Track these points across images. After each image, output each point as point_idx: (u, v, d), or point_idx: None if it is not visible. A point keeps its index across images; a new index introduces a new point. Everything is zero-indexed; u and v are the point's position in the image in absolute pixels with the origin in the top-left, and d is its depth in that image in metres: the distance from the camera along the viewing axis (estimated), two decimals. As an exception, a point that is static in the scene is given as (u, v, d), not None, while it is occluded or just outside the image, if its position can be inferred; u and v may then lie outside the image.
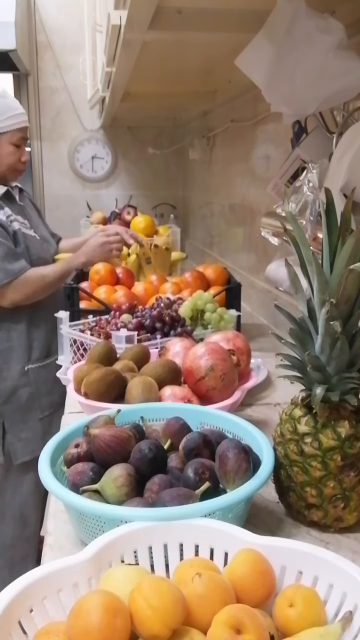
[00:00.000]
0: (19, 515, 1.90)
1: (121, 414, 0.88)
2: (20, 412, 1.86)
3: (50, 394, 1.89)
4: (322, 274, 0.71)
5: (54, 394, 1.89)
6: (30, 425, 1.87)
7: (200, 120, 3.03)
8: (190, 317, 1.41)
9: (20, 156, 1.83)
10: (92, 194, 3.72)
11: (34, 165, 3.60)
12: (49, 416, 1.90)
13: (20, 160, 1.83)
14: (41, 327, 1.87)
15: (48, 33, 3.45)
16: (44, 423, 1.89)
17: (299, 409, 0.79)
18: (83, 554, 0.60)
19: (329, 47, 1.02)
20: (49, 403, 1.90)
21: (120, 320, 1.37)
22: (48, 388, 1.88)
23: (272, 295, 1.81)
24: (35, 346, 1.87)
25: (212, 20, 1.24)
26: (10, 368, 1.84)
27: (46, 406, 1.90)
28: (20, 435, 1.86)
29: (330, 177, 1.04)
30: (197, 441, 0.78)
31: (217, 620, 0.52)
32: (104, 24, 1.58)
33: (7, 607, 0.53)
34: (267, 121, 1.88)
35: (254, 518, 0.80)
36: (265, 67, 1.10)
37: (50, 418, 1.90)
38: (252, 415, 1.18)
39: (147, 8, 1.14)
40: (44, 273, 1.79)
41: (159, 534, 0.64)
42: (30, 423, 1.87)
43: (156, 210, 3.68)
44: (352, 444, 0.74)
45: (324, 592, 0.58)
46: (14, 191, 1.91)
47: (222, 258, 2.65)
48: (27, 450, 1.85)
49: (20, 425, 1.86)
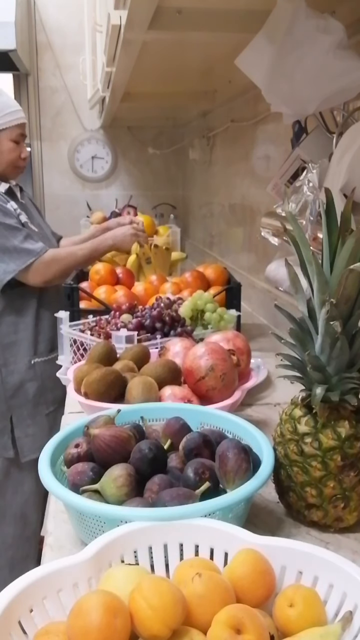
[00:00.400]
0: (19, 515, 1.90)
1: (121, 414, 0.88)
2: (28, 406, 1.86)
3: (55, 389, 1.89)
4: (322, 274, 0.71)
5: (58, 390, 1.88)
6: (37, 420, 1.87)
7: (200, 120, 3.03)
8: (190, 317, 1.41)
9: (20, 153, 1.84)
10: (92, 194, 3.72)
11: (34, 165, 3.60)
12: (53, 412, 1.90)
13: (20, 157, 1.84)
14: (46, 320, 1.88)
15: (48, 33, 3.45)
16: (50, 419, 1.89)
17: (299, 409, 0.79)
18: (83, 554, 0.60)
19: (329, 47, 1.02)
20: (53, 398, 1.90)
21: (120, 320, 1.37)
22: (53, 383, 1.88)
23: (272, 295, 1.81)
24: (41, 340, 1.88)
25: (212, 20, 1.24)
26: (17, 361, 1.85)
27: (51, 401, 1.90)
28: (27, 430, 1.86)
29: (330, 177, 1.04)
30: (197, 441, 0.78)
31: (217, 620, 0.52)
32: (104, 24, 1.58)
33: (7, 607, 0.53)
34: (267, 121, 1.88)
35: (254, 518, 0.80)
36: (265, 67, 1.10)
37: (55, 414, 1.89)
38: (252, 415, 1.18)
39: (147, 8, 1.15)
40: (73, 250, 1.82)
41: (159, 534, 0.64)
42: (38, 418, 1.87)
43: (156, 210, 3.68)
44: (352, 444, 0.74)
45: (324, 592, 0.58)
46: (15, 189, 1.91)
47: (222, 258, 2.65)
48: (35, 447, 1.84)
49: (28, 420, 1.86)
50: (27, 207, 1.94)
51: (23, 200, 1.93)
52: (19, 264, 1.70)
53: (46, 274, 1.75)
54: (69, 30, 3.43)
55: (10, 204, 1.78)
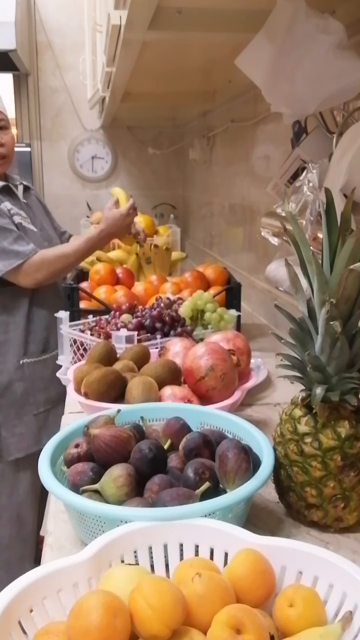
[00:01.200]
0: (15, 516, 1.90)
1: (121, 414, 0.88)
2: (14, 407, 1.85)
3: (47, 390, 1.88)
4: (322, 274, 0.71)
5: (50, 391, 1.88)
6: (24, 420, 1.86)
7: (200, 120, 3.03)
8: (190, 317, 1.41)
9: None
10: (92, 194, 3.72)
11: (34, 165, 3.60)
12: (44, 412, 1.88)
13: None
14: (39, 321, 1.86)
15: (48, 33, 3.45)
16: (39, 419, 1.88)
17: (299, 409, 0.79)
18: (83, 554, 0.60)
19: (329, 47, 1.02)
20: (44, 399, 1.88)
21: (120, 320, 1.37)
22: (44, 384, 1.87)
23: (272, 295, 1.81)
24: (32, 340, 1.86)
25: (212, 20, 1.24)
26: (6, 361, 1.83)
27: (42, 402, 1.88)
28: (14, 430, 1.84)
29: (330, 177, 1.04)
30: (197, 441, 0.78)
31: (217, 620, 0.52)
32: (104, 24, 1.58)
33: (7, 607, 0.53)
34: (267, 121, 1.88)
35: (254, 518, 0.80)
36: (265, 67, 1.10)
37: (45, 415, 1.88)
38: (252, 415, 1.18)
39: (147, 8, 1.15)
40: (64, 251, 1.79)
41: (159, 534, 0.64)
42: (25, 419, 1.86)
43: (156, 210, 3.68)
44: (352, 444, 0.74)
45: (324, 592, 0.58)
46: (17, 188, 1.89)
47: (222, 258, 2.65)
48: (21, 447, 1.83)
49: (15, 420, 1.85)
50: (30, 207, 1.92)
51: (25, 200, 1.91)
52: (5, 265, 1.69)
53: (36, 276, 1.74)
54: (69, 30, 3.43)
55: (4, 204, 1.77)
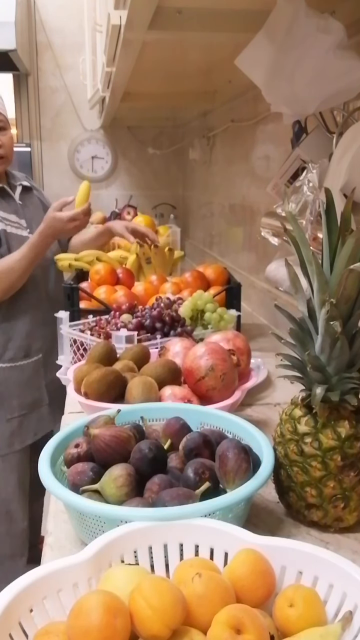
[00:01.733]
0: (4, 512, 1.89)
1: (121, 414, 0.88)
2: None
3: (22, 396, 1.86)
4: (322, 274, 0.71)
5: (26, 396, 1.86)
6: None
7: (200, 120, 3.03)
8: (190, 317, 1.41)
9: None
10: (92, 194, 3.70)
11: (34, 165, 3.60)
12: (18, 417, 1.86)
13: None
14: (19, 327, 1.84)
15: (48, 33, 3.45)
16: (12, 424, 1.85)
17: (299, 409, 0.79)
18: (83, 554, 0.60)
19: (329, 47, 1.02)
20: (19, 405, 1.86)
21: (120, 320, 1.37)
22: (20, 390, 1.85)
23: (272, 295, 1.81)
24: (11, 346, 1.83)
25: (212, 20, 1.24)
26: None
27: (16, 407, 1.86)
28: None
29: (330, 177, 1.04)
30: (197, 441, 0.78)
31: (217, 620, 0.52)
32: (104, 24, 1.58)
33: (7, 607, 0.53)
34: (267, 121, 1.88)
35: (254, 518, 0.80)
36: (265, 67, 1.10)
37: (20, 419, 1.86)
38: (252, 415, 1.18)
39: (147, 8, 1.15)
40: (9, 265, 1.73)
41: (159, 534, 0.64)
42: None
43: (156, 210, 3.68)
44: (352, 444, 0.74)
45: (324, 592, 0.58)
46: (14, 190, 1.88)
47: (222, 258, 2.65)
48: None
49: None
50: (27, 208, 1.89)
51: (22, 201, 1.88)
52: None
53: None
54: (69, 30, 3.43)
55: None
